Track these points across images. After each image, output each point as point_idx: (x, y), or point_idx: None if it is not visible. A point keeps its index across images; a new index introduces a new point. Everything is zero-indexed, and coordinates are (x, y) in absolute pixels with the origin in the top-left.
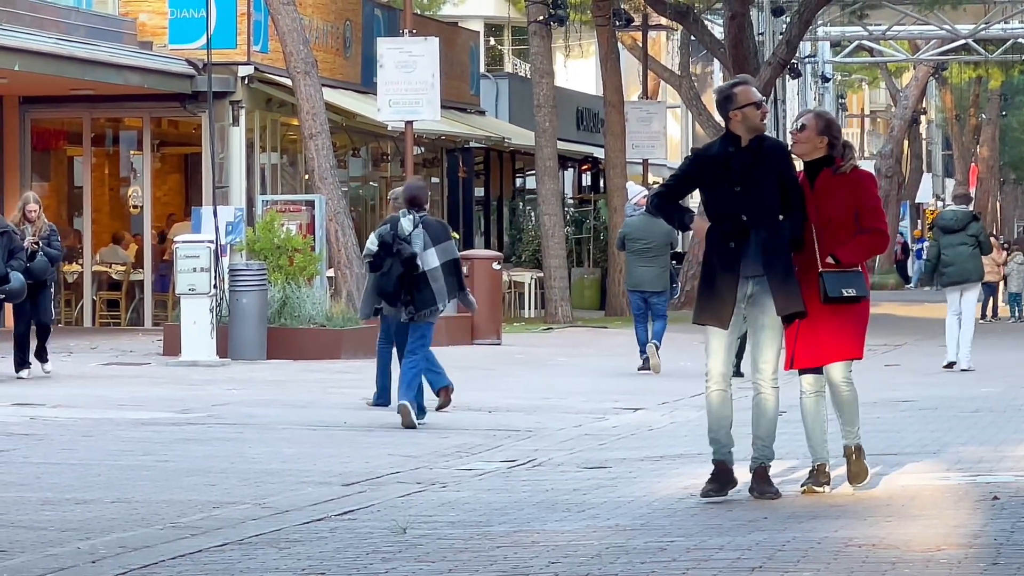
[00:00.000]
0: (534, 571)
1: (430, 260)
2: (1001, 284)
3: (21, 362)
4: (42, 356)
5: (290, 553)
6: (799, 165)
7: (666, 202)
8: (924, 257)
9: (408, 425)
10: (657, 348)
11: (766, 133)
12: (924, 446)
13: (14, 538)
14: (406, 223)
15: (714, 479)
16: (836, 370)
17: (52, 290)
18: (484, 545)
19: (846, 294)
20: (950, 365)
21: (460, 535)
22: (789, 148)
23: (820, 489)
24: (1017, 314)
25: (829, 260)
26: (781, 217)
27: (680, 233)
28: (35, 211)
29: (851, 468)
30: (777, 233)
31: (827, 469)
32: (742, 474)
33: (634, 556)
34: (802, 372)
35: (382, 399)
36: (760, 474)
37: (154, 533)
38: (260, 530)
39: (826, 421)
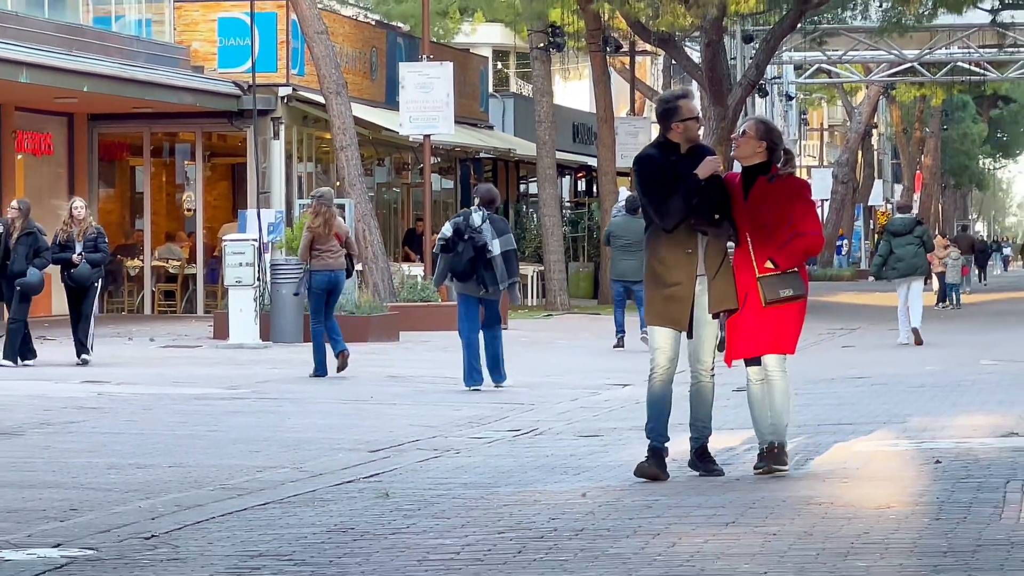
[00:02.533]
0: (536, 526)
1: (496, 248)
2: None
3: (81, 346)
4: (81, 347)
5: (324, 511)
6: (736, 168)
7: (666, 202)
8: (877, 253)
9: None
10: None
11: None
12: (876, 417)
13: (84, 498)
14: (476, 217)
15: (651, 458)
16: (771, 359)
17: (98, 287)
18: (493, 503)
19: (783, 295)
20: (904, 345)
21: (472, 495)
22: (731, 153)
23: (784, 468)
24: (954, 301)
25: (768, 264)
26: (717, 217)
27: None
28: (80, 210)
29: (770, 462)
30: (720, 234)
31: (775, 449)
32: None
33: (623, 513)
34: (748, 364)
35: (320, 372)
36: (701, 452)
37: (205, 493)
38: (298, 491)
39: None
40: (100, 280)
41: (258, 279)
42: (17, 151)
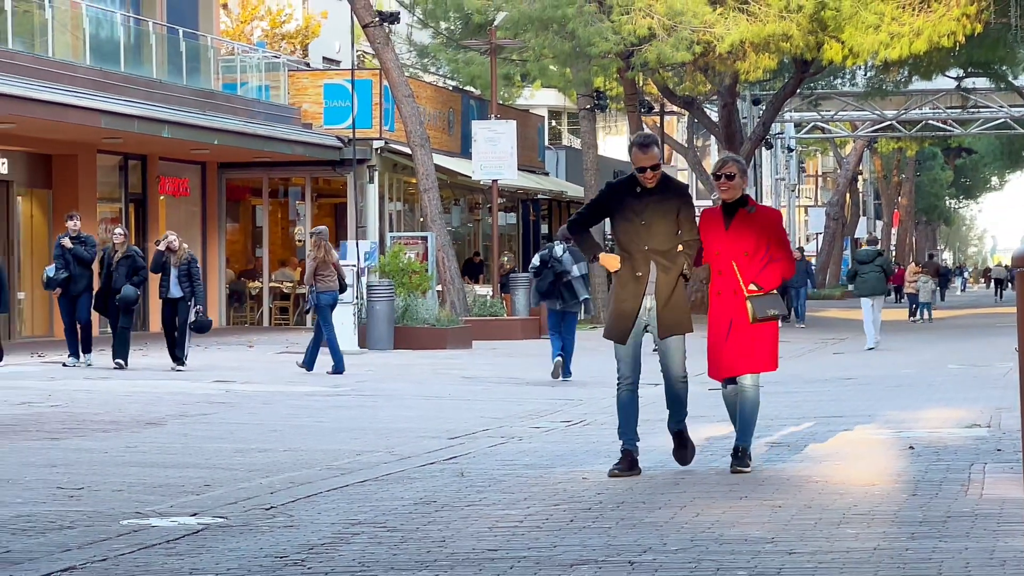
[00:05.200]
0: (585, 500)
1: (574, 272)
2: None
3: (174, 358)
4: (179, 356)
5: (411, 487)
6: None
7: (579, 228)
8: (847, 274)
9: (555, 376)
10: None
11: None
12: (861, 411)
13: (215, 476)
14: (558, 249)
15: (622, 463)
16: (748, 377)
17: (191, 306)
18: (550, 481)
19: (771, 314)
20: (871, 349)
21: (532, 474)
22: (717, 195)
23: (747, 470)
24: (926, 316)
25: (752, 287)
26: (680, 248)
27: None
28: (174, 241)
29: (735, 463)
30: (673, 262)
31: (739, 451)
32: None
33: (656, 488)
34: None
35: (338, 368)
36: (678, 436)
37: (314, 473)
38: (390, 471)
39: None
40: (193, 300)
41: (357, 298)
42: (160, 193)
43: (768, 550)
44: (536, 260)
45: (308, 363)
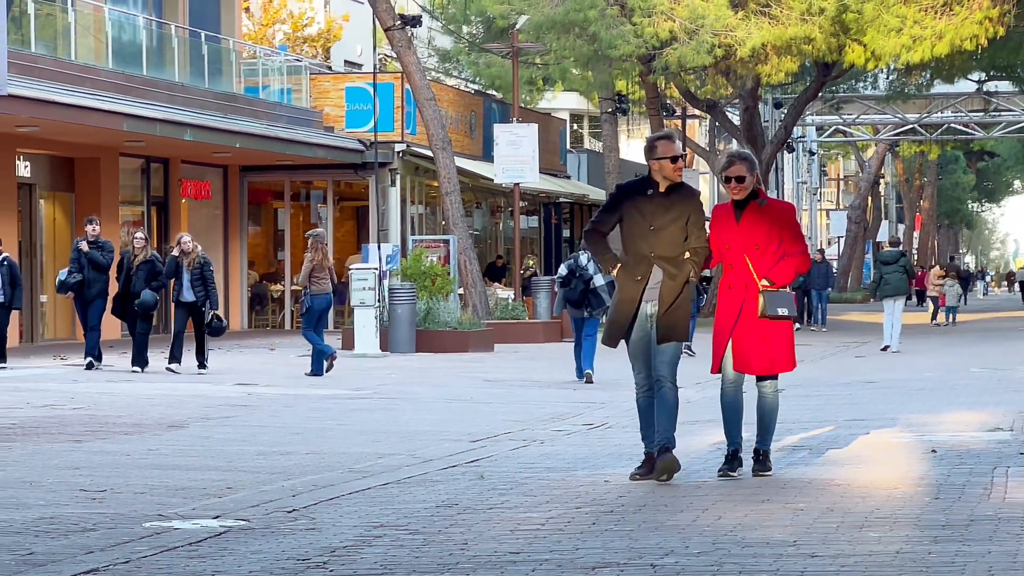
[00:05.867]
0: (607, 502)
1: (599, 280)
2: (941, 299)
3: (174, 358)
4: (201, 360)
5: (433, 489)
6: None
7: (597, 237)
8: (871, 279)
9: (589, 382)
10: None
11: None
12: (883, 414)
13: (237, 479)
14: (583, 258)
15: (643, 466)
16: (767, 381)
17: (207, 310)
18: (572, 484)
19: (781, 313)
20: (885, 347)
21: (555, 477)
22: (730, 196)
23: (734, 474)
24: (951, 320)
25: (764, 282)
26: (687, 255)
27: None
28: (188, 244)
29: (756, 467)
30: (680, 269)
31: (740, 454)
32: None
33: (678, 492)
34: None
35: (317, 371)
36: (661, 451)
37: (336, 475)
38: (411, 473)
39: (743, 411)
40: (208, 304)
41: (378, 300)
42: (182, 196)
43: (790, 553)
44: (563, 270)
45: (317, 370)
